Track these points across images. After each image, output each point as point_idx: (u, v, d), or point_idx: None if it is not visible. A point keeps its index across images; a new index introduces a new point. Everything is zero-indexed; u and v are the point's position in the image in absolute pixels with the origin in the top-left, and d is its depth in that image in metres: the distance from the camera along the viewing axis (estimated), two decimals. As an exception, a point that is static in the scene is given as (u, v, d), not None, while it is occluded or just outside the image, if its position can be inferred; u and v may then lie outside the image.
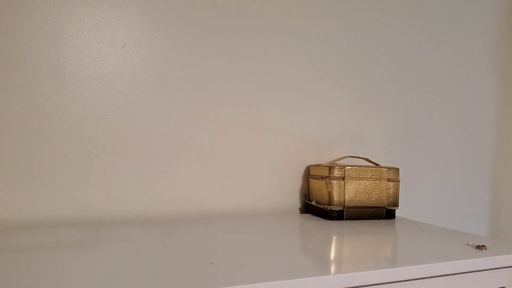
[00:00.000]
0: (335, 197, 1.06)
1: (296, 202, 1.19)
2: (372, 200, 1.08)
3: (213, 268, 0.62)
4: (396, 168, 1.10)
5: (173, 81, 1.05)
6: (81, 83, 0.96)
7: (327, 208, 1.06)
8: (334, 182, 1.06)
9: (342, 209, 1.06)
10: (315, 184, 1.13)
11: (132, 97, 1.01)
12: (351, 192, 1.06)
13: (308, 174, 1.19)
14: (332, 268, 0.64)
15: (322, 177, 1.09)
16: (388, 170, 1.09)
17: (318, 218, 1.09)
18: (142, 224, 0.94)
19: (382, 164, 1.29)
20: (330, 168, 1.06)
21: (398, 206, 1.10)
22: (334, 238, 0.86)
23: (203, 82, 1.08)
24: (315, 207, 1.12)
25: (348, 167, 1.06)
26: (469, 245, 0.80)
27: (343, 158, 1.18)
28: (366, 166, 1.09)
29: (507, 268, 0.76)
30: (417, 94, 1.37)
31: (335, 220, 1.05)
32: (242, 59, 1.11)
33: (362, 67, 1.27)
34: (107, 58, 0.99)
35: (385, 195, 1.09)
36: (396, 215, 1.15)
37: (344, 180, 1.06)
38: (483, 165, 1.50)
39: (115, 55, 0.99)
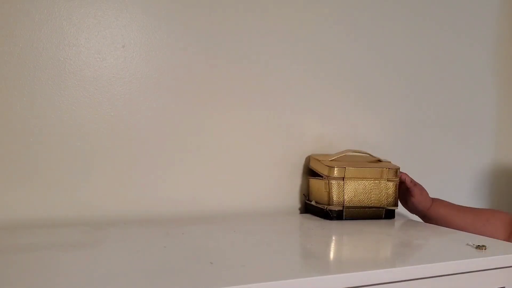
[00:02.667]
0: (334, 197, 1.06)
1: (295, 202, 1.19)
2: (371, 200, 1.08)
3: (213, 268, 0.62)
4: (396, 168, 1.10)
5: (173, 81, 1.05)
6: (81, 83, 0.96)
7: (327, 208, 1.06)
8: (333, 182, 1.06)
9: (342, 209, 1.06)
10: (315, 184, 1.13)
11: (132, 97, 1.01)
12: (350, 192, 1.06)
13: (307, 174, 1.19)
14: (332, 268, 0.64)
15: (321, 177, 1.09)
16: (388, 170, 1.09)
17: (318, 218, 1.09)
18: (142, 224, 0.94)
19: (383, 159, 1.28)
20: (330, 168, 1.06)
21: (397, 205, 1.10)
22: (334, 238, 0.86)
23: (203, 82, 1.08)
24: (314, 207, 1.12)
25: (348, 168, 1.06)
26: (469, 245, 0.80)
27: (343, 153, 1.15)
28: (365, 167, 1.09)
29: (507, 268, 0.76)
30: (417, 94, 1.37)
31: (334, 220, 1.05)
32: (242, 59, 1.11)
33: (363, 67, 1.27)
34: (107, 58, 0.99)
35: (384, 195, 1.09)
36: (396, 215, 1.14)
37: (343, 180, 1.06)
38: (483, 164, 1.50)
39: (115, 55, 0.99)
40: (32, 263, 0.64)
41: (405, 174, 1.10)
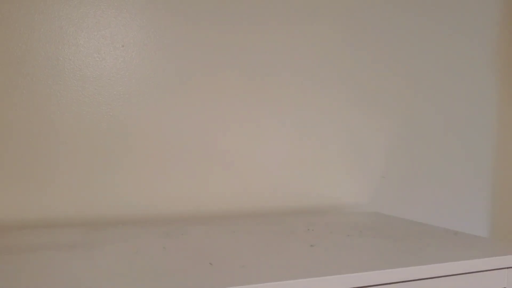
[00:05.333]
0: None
1: (299, 201, 1.19)
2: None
3: (212, 269, 0.62)
4: None
5: (172, 80, 1.04)
6: (81, 83, 0.96)
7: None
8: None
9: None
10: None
11: (132, 97, 1.01)
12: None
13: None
14: (333, 269, 0.64)
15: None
16: None
17: (318, 217, 1.09)
18: (141, 225, 0.94)
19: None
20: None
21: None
22: (335, 237, 0.85)
23: (202, 81, 1.07)
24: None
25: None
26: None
27: None
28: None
29: (507, 269, 0.75)
30: (417, 94, 1.36)
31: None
32: (243, 58, 1.11)
33: (362, 67, 1.27)
34: (106, 57, 0.98)
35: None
36: (396, 215, 1.14)
37: None
38: (483, 165, 1.50)
39: (114, 54, 0.99)
40: (31, 263, 0.64)
41: None
